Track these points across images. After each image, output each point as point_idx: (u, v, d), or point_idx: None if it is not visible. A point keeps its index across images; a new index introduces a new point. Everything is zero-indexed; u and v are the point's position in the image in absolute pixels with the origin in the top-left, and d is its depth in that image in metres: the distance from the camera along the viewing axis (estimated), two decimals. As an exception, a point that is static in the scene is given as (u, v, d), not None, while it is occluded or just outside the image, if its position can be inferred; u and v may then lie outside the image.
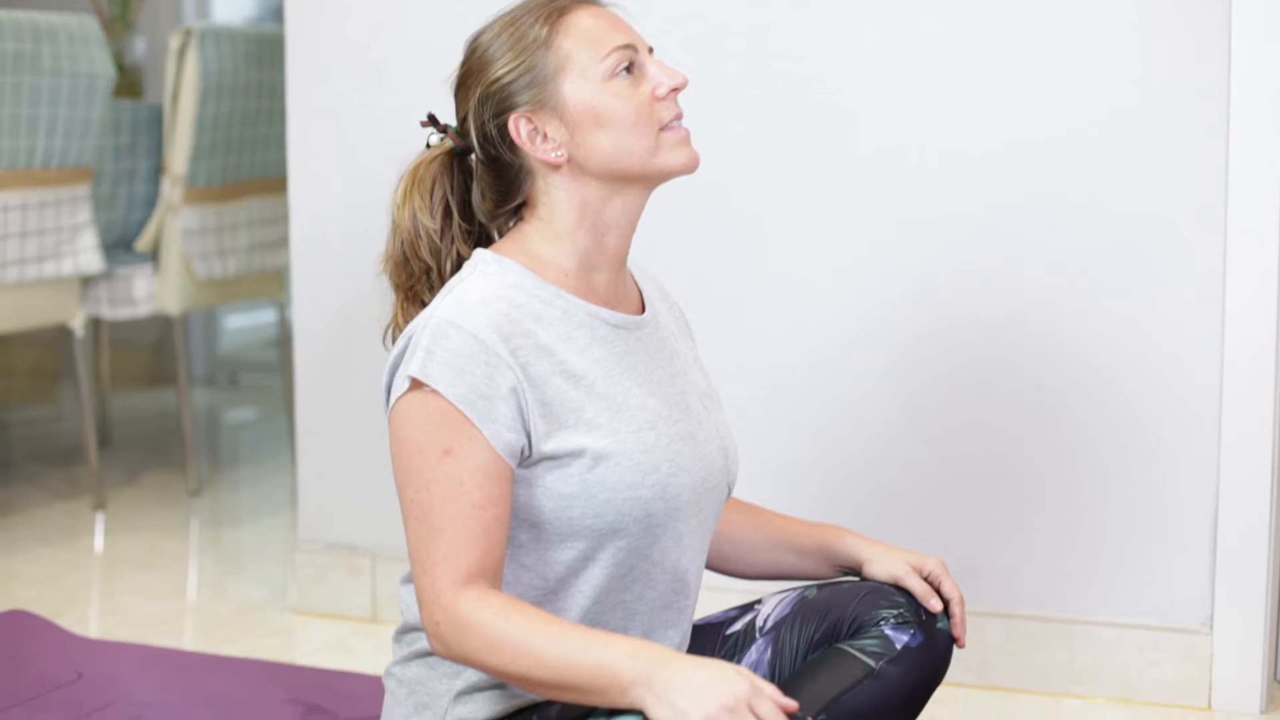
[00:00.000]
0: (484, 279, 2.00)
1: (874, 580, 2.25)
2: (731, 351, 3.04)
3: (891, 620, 2.19)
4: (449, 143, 2.10)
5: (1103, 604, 2.91)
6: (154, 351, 6.08)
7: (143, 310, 4.31)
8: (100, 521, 4.14)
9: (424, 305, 2.08)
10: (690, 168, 2.04)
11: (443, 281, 2.08)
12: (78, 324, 4.19)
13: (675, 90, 2.03)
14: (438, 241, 2.08)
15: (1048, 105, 2.87)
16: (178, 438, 4.83)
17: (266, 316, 6.24)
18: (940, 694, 2.83)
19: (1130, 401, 2.87)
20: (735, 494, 2.54)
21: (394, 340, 2.08)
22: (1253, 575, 2.82)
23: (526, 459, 1.95)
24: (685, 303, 2.39)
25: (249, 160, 4.49)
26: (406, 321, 2.09)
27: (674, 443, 2.03)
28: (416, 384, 1.93)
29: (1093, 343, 2.87)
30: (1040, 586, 2.94)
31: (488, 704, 2.04)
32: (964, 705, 2.88)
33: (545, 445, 1.95)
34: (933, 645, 2.20)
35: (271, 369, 5.93)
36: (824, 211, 3.01)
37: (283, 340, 4.91)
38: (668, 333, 2.15)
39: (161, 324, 5.66)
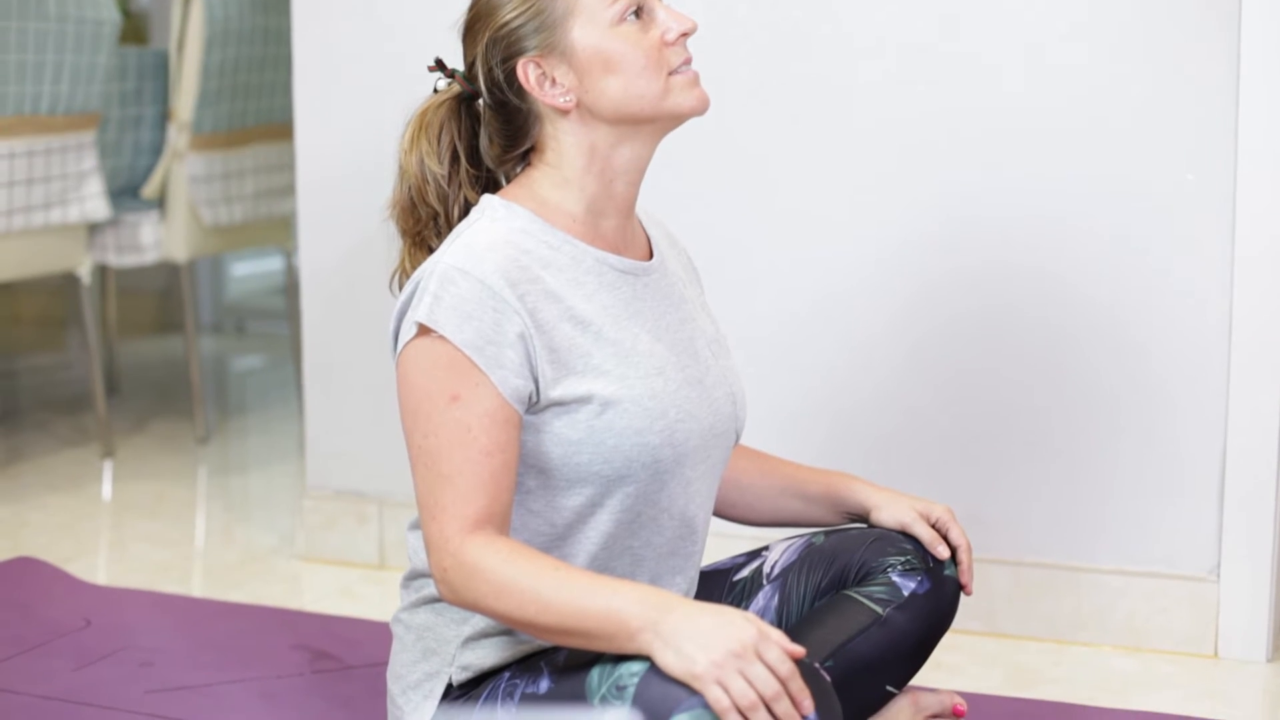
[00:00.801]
0: (492, 224, 2.00)
1: (881, 527, 2.25)
2: (738, 297, 3.03)
3: (899, 567, 2.19)
4: (456, 88, 2.09)
5: (1110, 551, 2.91)
6: (161, 299, 6.08)
7: (149, 257, 4.31)
8: (108, 469, 4.15)
9: (431, 251, 2.08)
10: (700, 109, 2.03)
11: (450, 227, 2.07)
12: (84, 271, 4.18)
13: (684, 35, 2.02)
14: (445, 187, 2.07)
15: (1056, 41, 2.85)
16: (185, 385, 4.83)
17: (273, 264, 6.24)
18: (947, 641, 2.84)
19: (1138, 348, 2.86)
20: (742, 441, 2.54)
21: (401, 286, 2.08)
22: (1260, 523, 2.82)
23: (534, 405, 1.95)
24: (693, 248, 2.38)
25: (255, 106, 4.48)
26: (414, 267, 2.08)
27: (682, 389, 2.03)
28: (424, 330, 1.93)
29: (1101, 289, 2.86)
30: (1047, 534, 2.94)
31: (495, 650, 2.04)
32: (970, 652, 2.88)
33: (553, 391, 1.95)
34: (940, 592, 2.21)
35: (278, 316, 5.93)
36: (832, 155, 3.00)
37: (289, 287, 4.91)
38: (676, 278, 2.15)
39: (168, 271, 5.65)
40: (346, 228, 3.33)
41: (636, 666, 1.86)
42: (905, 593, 2.19)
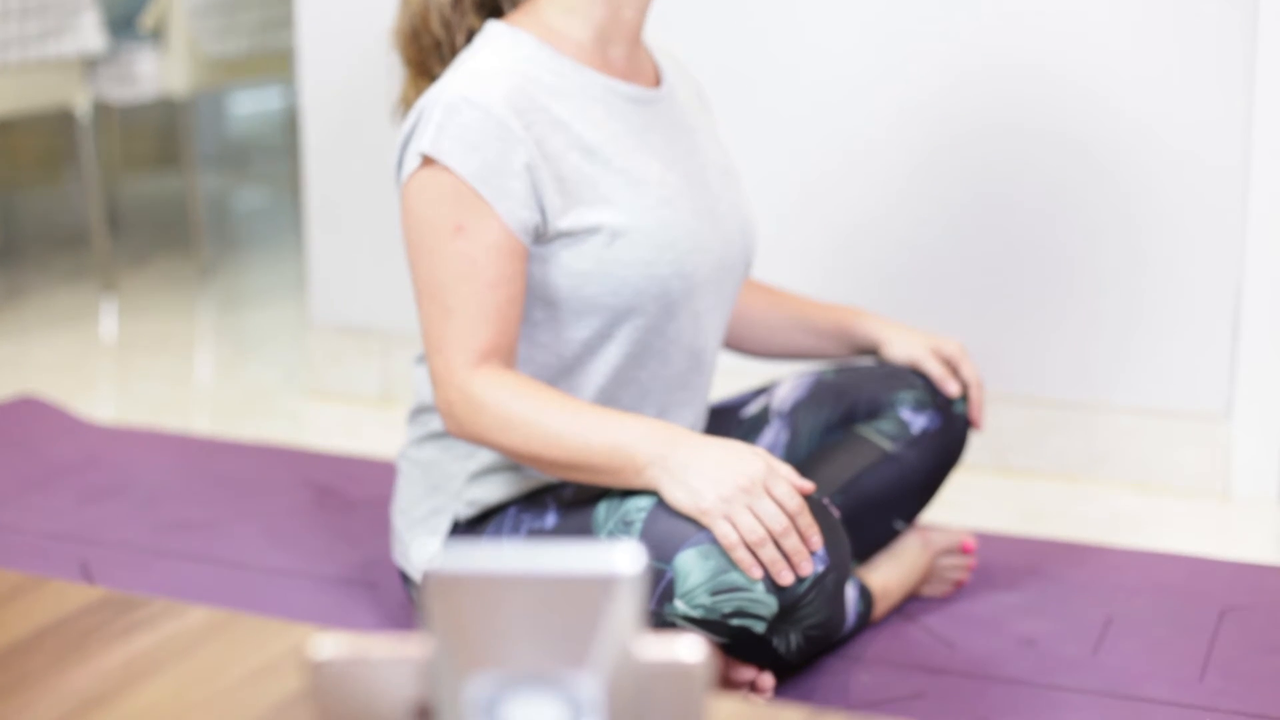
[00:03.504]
0: (497, 52, 1.95)
1: (892, 362, 2.23)
2: (746, 131, 2.98)
3: (908, 403, 2.18)
4: (459, -91, 2.03)
5: (1123, 389, 2.89)
6: (162, 135, 6.03)
7: (148, 91, 4.25)
8: (110, 306, 4.12)
9: (435, 79, 2.03)
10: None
11: (454, 55, 2.03)
12: (81, 106, 4.13)
13: None
14: (449, 13, 2.02)
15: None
16: (186, 221, 4.80)
17: (274, 100, 6.18)
18: (956, 478, 2.83)
19: (1155, 186, 2.82)
20: (754, 275, 2.51)
21: (404, 116, 2.03)
22: (1273, 362, 2.79)
23: (542, 236, 1.92)
24: (710, 87, 2.33)
25: (254, -64, 4.41)
26: (417, 96, 2.04)
27: (692, 219, 1.99)
28: (428, 161, 1.89)
29: (1120, 124, 2.82)
30: (1060, 371, 2.92)
31: (501, 485, 2.02)
32: (980, 489, 2.87)
33: (561, 222, 1.91)
34: (949, 429, 2.20)
35: (280, 152, 5.88)
36: (844, -12, 2.94)
37: (290, 123, 4.85)
38: (685, 107, 2.10)
39: (170, 107, 5.60)
40: (348, 58, 3.27)
41: (644, 502, 1.85)
42: (915, 429, 2.17)
